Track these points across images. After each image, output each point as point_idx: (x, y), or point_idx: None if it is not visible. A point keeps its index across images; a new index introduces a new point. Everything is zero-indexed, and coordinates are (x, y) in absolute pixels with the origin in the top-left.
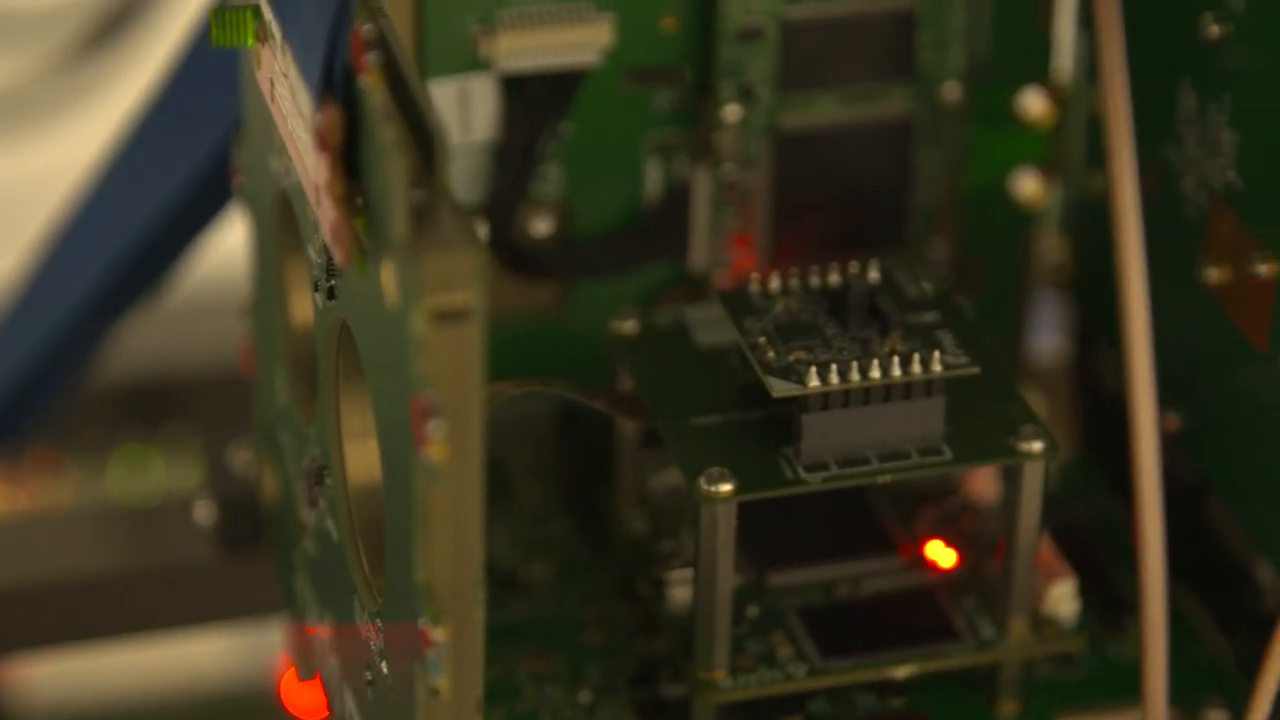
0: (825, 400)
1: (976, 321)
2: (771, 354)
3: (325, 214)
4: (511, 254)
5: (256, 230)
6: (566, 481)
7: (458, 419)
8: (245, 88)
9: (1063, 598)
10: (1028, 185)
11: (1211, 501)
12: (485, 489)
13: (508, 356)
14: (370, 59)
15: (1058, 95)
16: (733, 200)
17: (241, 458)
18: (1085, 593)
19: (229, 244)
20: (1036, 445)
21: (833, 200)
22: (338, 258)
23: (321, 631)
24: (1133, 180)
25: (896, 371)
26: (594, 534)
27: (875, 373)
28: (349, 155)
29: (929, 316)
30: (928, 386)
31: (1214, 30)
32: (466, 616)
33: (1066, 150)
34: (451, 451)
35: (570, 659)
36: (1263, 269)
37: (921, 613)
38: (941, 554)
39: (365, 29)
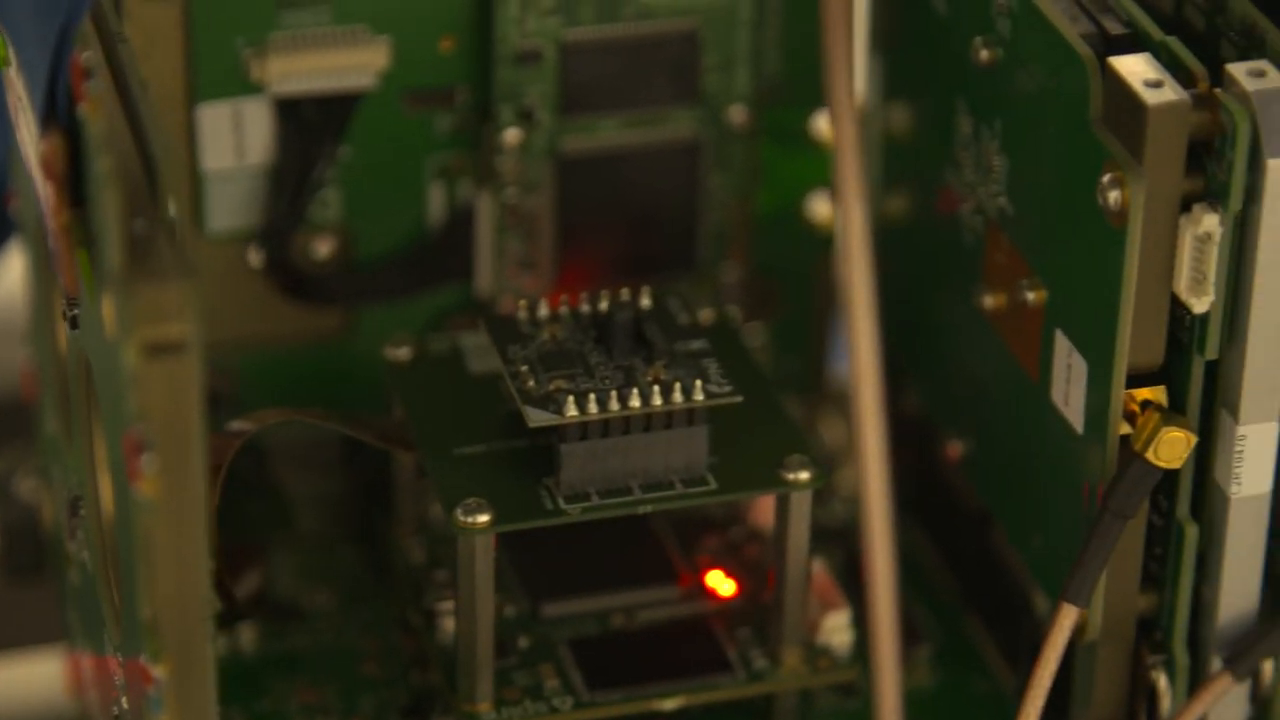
0: (584, 430)
1: (764, 347)
2: (532, 383)
3: (54, 243)
4: (291, 278)
5: (30, 256)
6: (351, 510)
7: (172, 453)
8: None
9: (837, 628)
10: (822, 208)
11: (997, 531)
12: (208, 523)
13: (291, 382)
14: (90, 86)
15: None
16: (517, 224)
17: (26, 485)
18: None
19: (14, 270)
20: (804, 475)
21: (620, 224)
22: (65, 287)
23: (87, 663)
24: (860, 199)
25: (658, 400)
26: (377, 564)
27: (635, 402)
28: (75, 184)
29: (697, 344)
30: (689, 415)
31: (984, 54)
32: (193, 654)
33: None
34: (166, 486)
35: (345, 690)
36: (1031, 296)
37: (696, 643)
38: (721, 583)
39: (85, 56)
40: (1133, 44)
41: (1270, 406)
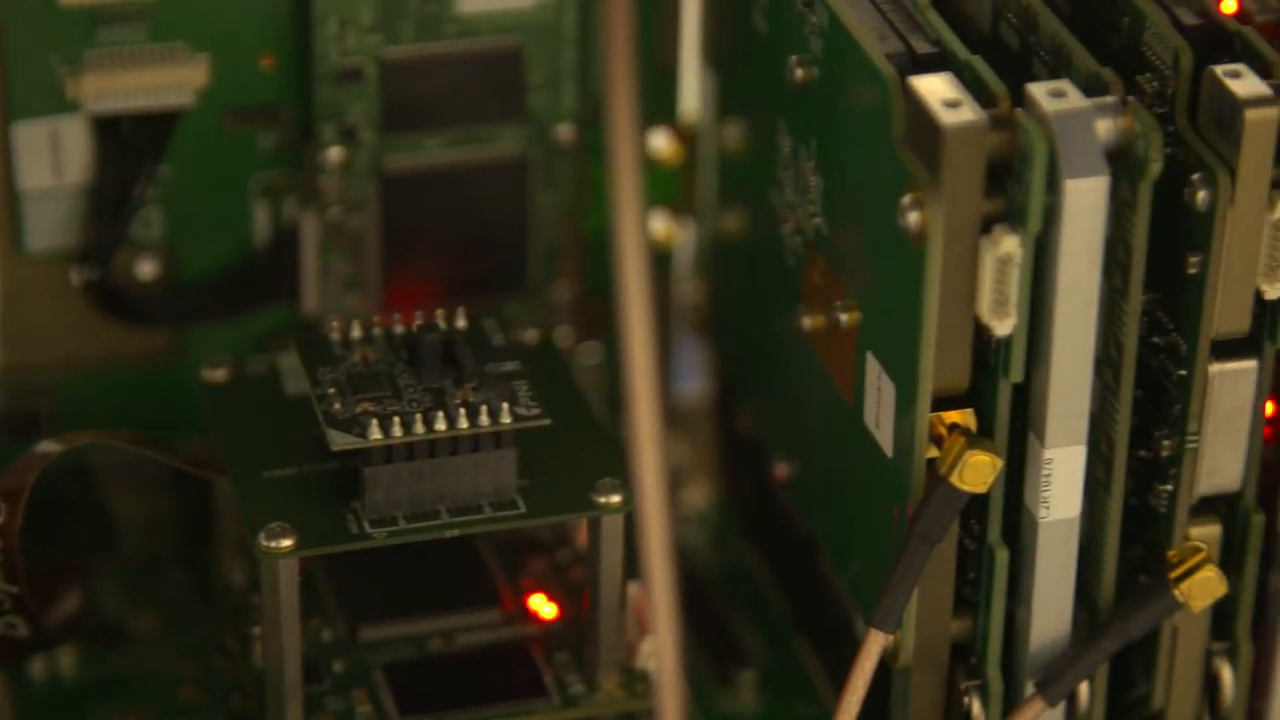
0: (389, 453)
1: (600, 367)
2: (338, 405)
3: None
4: (114, 299)
5: None
6: (177, 532)
7: None
8: None
9: (655, 652)
10: (658, 226)
11: (823, 553)
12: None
13: (115, 404)
14: None
15: (684, 135)
16: (342, 243)
17: None
18: (703, 644)
19: None
20: (615, 498)
21: (448, 243)
22: None
23: None
24: (637, 220)
25: (464, 424)
26: (202, 586)
27: (441, 425)
28: None
29: (509, 366)
30: (497, 439)
31: (799, 73)
32: None
33: (696, 190)
34: None
35: (164, 714)
36: (844, 318)
37: (513, 668)
38: (543, 607)
39: None
40: (940, 63)
41: (1076, 430)
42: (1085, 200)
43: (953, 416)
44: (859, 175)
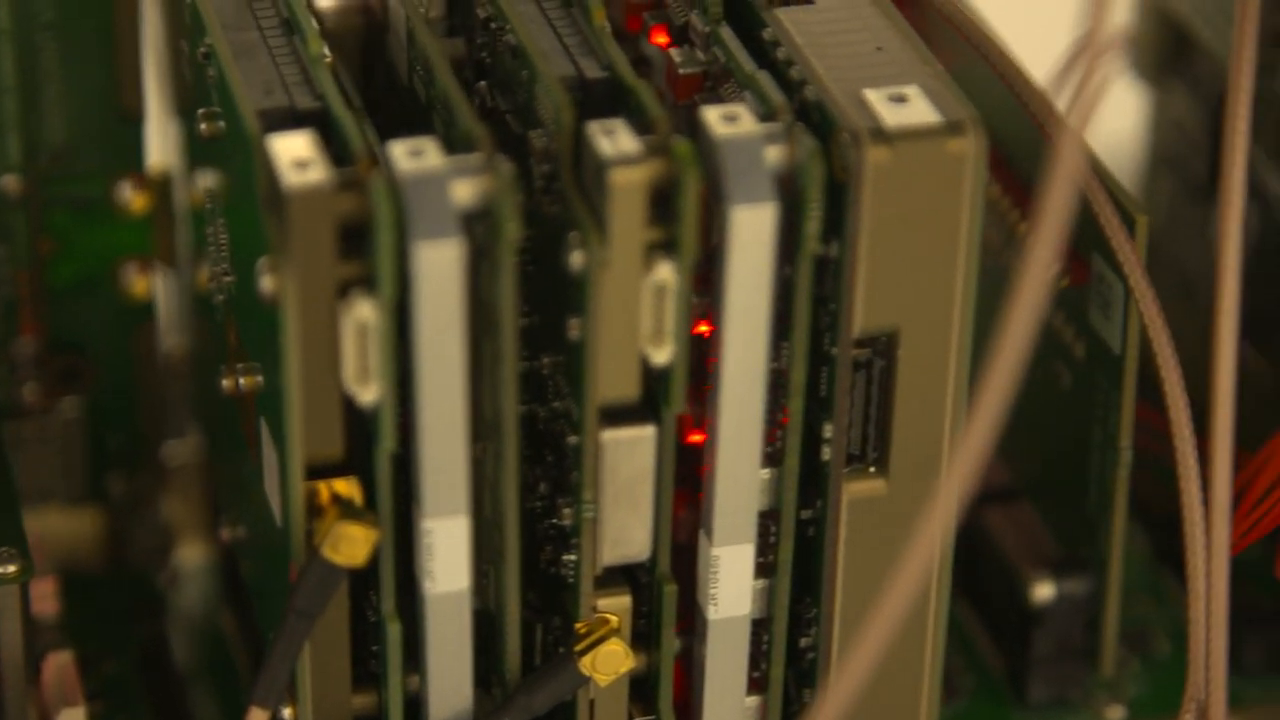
0: None
1: (77, 422)
2: None
3: None
4: None
5: None
6: None
7: None
8: None
9: None
10: (131, 277)
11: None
12: None
13: None
14: None
15: (154, 184)
16: None
17: None
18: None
19: None
20: (11, 568)
21: None
22: None
23: None
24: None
25: None
26: None
27: None
28: None
29: None
30: None
31: (204, 127)
32: None
33: (172, 241)
34: None
35: None
36: (243, 381)
37: None
38: None
39: None
40: (319, 119)
41: (455, 499)
42: (438, 265)
43: (338, 485)
44: (243, 235)
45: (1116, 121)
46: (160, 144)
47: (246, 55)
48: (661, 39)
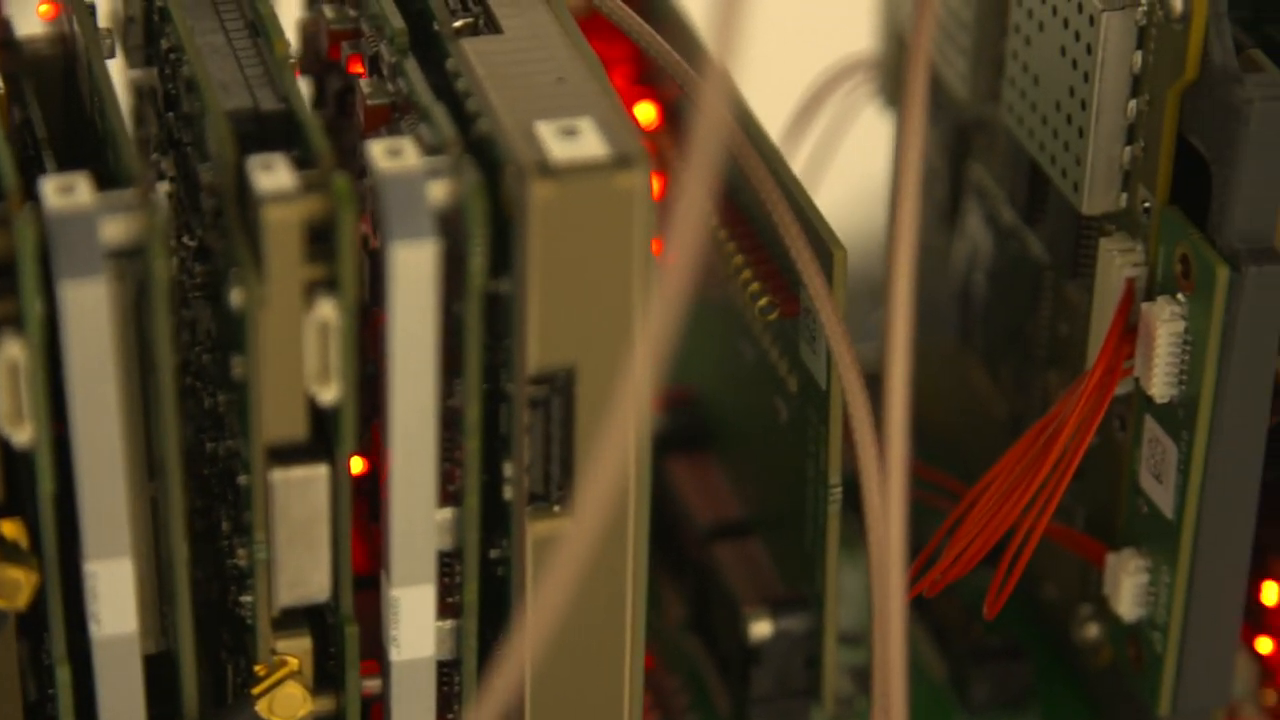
0: None
1: None
2: None
3: None
4: None
5: None
6: None
7: None
8: None
9: None
10: None
11: None
12: None
13: None
14: None
15: None
16: None
17: None
18: None
19: None
20: None
21: None
22: None
23: None
24: None
25: None
26: None
27: None
28: None
29: None
30: None
31: None
32: None
33: None
34: None
35: None
36: None
37: None
38: None
39: None
40: None
41: (118, 541)
42: (84, 304)
43: (2, 527)
44: None
45: (871, 146)
46: None
47: None
48: (359, 68)
